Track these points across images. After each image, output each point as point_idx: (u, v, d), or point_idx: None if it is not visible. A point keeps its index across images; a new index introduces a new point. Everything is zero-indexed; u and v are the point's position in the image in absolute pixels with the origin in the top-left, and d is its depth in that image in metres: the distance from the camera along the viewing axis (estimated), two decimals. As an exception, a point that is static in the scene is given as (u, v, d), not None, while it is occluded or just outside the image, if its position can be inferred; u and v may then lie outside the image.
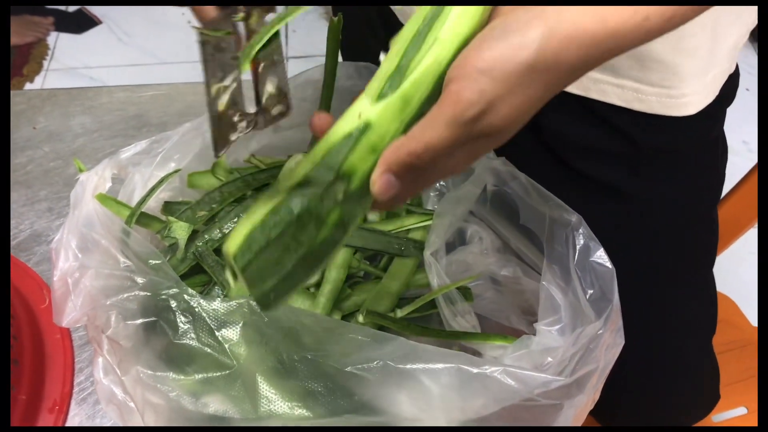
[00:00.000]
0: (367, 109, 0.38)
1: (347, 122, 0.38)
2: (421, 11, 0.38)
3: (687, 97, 0.61)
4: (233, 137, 0.41)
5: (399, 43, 0.38)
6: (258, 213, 0.37)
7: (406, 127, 0.38)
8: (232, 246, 0.37)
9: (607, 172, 0.67)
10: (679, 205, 0.69)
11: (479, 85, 0.35)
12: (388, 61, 0.38)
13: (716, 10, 0.51)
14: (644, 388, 0.74)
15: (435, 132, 0.36)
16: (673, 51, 0.58)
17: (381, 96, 0.37)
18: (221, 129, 0.41)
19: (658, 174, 0.67)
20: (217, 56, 0.44)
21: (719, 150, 0.70)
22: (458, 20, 0.37)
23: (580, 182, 0.68)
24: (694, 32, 0.57)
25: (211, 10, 0.49)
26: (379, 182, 0.38)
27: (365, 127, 0.37)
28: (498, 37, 0.35)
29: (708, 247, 0.74)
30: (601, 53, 0.35)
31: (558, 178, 0.68)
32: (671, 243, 0.70)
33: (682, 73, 0.59)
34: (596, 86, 0.61)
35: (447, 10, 0.37)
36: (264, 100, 0.42)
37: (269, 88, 0.41)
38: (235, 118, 0.41)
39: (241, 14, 0.47)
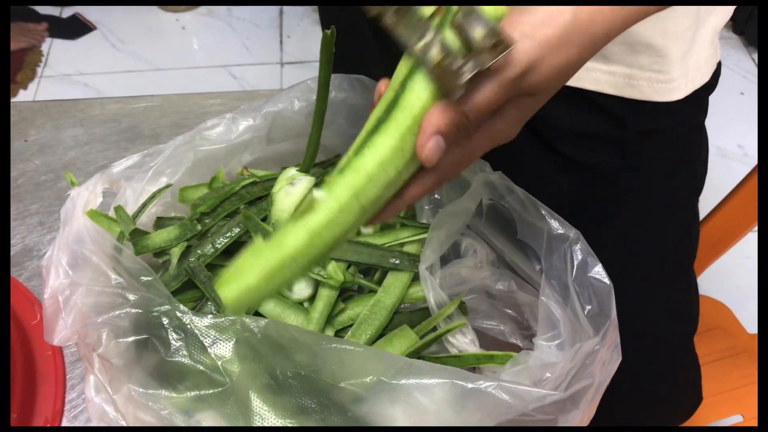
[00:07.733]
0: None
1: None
2: None
3: (675, 82, 0.63)
4: (460, 82, 0.40)
5: None
6: None
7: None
8: None
9: (596, 156, 0.68)
10: (663, 190, 0.70)
11: (523, 47, 0.38)
12: None
13: None
14: (624, 385, 0.73)
15: (481, 93, 0.39)
16: (661, 34, 0.60)
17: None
18: (444, 80, 0.41)
19: (645, 157, 0.68)
20: (400, 22, 0.43)
21: (702, 137, 0.72)
22: None
23: (569, 167, 0.69)
24: (679, 15, 0.59)
25: None
26: (427, 146, 0.39)
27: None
28: (537, 7, 0.39)
29: (689, 238, 0.74)
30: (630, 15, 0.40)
31: (546, 162, 0.70)
32: (655, 230, 0.70)
33: (670, 56, 0.62)
34: (588, 75, 0.63)
35: None
36: (474, 42, 0.40)
37: (477, 32, 0.39)
38: (454, 66, 0.40)
39: None
